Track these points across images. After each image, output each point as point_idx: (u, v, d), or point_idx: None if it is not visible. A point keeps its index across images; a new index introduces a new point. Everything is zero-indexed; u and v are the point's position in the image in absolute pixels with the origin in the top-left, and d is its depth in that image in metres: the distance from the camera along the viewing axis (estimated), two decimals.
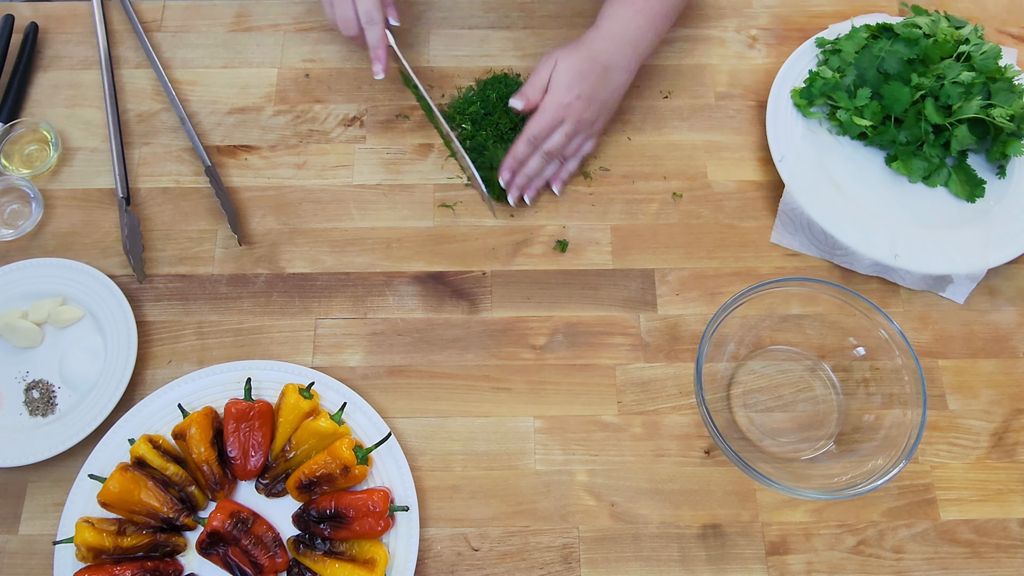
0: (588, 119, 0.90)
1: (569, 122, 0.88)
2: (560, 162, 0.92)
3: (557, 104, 0.87)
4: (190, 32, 1.05)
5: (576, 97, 0.87)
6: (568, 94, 0.87)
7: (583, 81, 0.88)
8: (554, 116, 0.88)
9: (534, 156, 0.90)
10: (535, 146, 0.89)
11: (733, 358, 0.88)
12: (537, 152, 0.90)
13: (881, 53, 0.94)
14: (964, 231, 0.92)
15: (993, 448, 0.85)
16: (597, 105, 0.90)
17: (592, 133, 0.92)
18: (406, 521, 0.78)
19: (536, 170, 0.91)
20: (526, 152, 0.89)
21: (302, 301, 0.90)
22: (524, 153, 0.89)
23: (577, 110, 0.88)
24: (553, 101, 0.87)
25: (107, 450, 0.81)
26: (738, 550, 0.80)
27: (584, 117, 0.89)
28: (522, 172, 0.91)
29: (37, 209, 0.93)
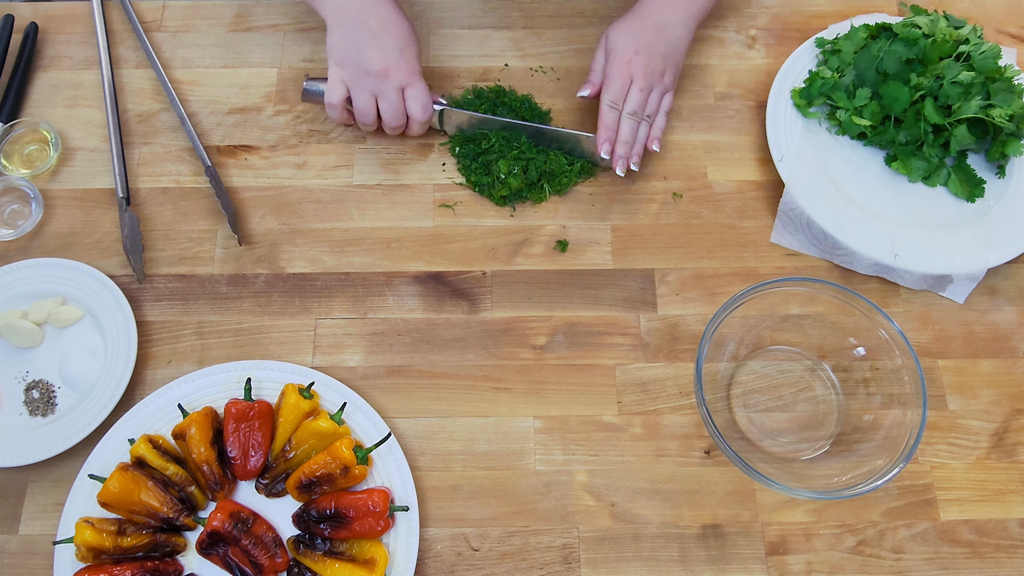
0: (657, 71, 0.89)
1: (639, 78, 0.88)
2: (648, 123, 0.91)
3: (620, 65, 0.88)
4: (190, 32, 1.05)
5: (635, 53, 0.88)
6: (627, 52, 0.88)
7: (638, 38, 0.89)
8: (621, 77, 0.88)
9: (623, 122, 0.89)
10: (618, 111, 0.89)
11: (733, 358, 0.88)
12: (624, 117, 0.89)
13: (880, 53, 0.94)
14: (964, 231, 0.92)
15: (993, 448, 0.85)
16: (660, 58, 0.90)
17: (666, 87, 0.91)
18: (406, 521, 0.78)
19: (631, 135, 0.89)
20: (613, 119, 0.89)
21: (302, 301, 0.90)
22: (612, 120, 0.89)
23: (642, 64, 0.88)
24: (615, 64, 0.88)
25: (107, 450, 0.81)
26: (738, 550, 0.80)
27: (652, 70, 0.89)
28: (619, 141, 0.89)
29: (37, 209, 0.93)
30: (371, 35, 0.87)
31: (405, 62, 0.88)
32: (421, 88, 0.90)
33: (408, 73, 0.89)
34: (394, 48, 0.88)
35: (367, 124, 0.91)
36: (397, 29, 0.88)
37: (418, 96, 0.90)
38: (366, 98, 0.89)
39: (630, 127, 0.89)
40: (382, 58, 0.87)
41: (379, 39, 0.87)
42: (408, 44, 0.89)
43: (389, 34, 0.88)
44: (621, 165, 0.89)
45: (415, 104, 0.90)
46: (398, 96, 0.89)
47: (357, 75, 0.88)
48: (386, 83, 0.88)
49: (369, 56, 0.87)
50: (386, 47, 0.87)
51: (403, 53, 0.88)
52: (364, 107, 0.89)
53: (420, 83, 0.90)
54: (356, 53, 0.87)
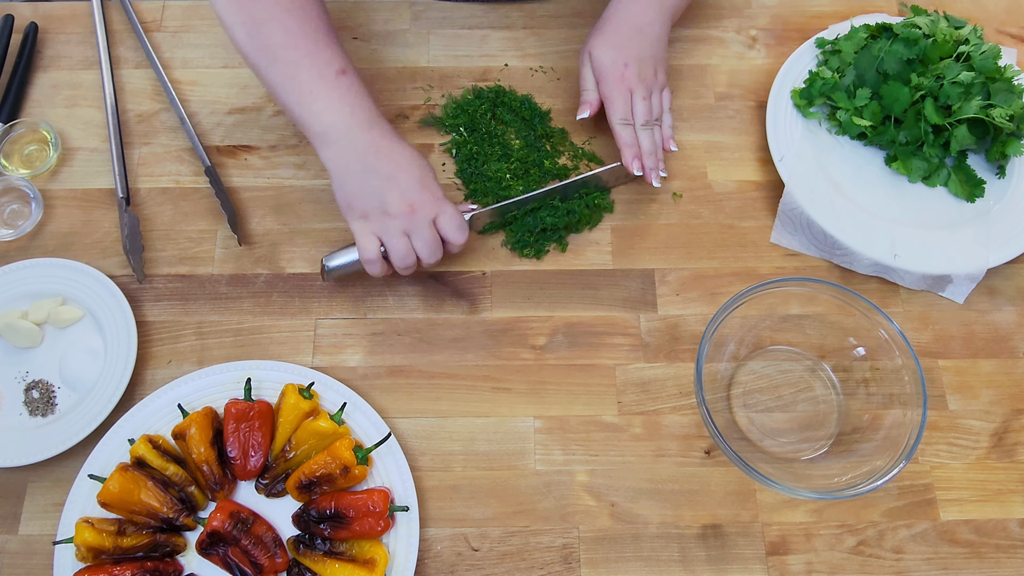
0: (649, 76, 0.90)
1: (637, 88, 0.89)
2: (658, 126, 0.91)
3: (615, 83, 0.88)
4: (190, 32, 1.05)
5: (625, 66, 0.88)
6: (617, 68, 0.88)
7: (622, 50, 0.89)
8: (621, 93, 0.88)
9: (641, 135, 0.89)
10: (631, 125, 0.89)
11: (733, 358, 0.88)
12: (640, 130, 0.89)
13: (880, 53, 0.94)
14: (964, 231, 0.92)
15: (993, 448, 0.85)
16: (648, 61, 0.90)
17: (661, 85, 0.92)
18: (406, 521, 0.78)
19: (652, 145, 0.90)
20: (631, 135, 0.89)
21: (302, 301, 0.90)
22: (630, 136, 0.89)
23: (634, 74, 0.88)
24: (610, 83, 0.88)
25: (107, 450, 0.81)
26: (738, 550, 0.80)
27: (645, 77, 0.89)
28: (645, 154, 0.89)
29: (37, 209, 0.93)
30: (385, 177, 0.80)
31: (428, 192, 0.81)
32: (451, 211, 0.82)
33: (434, 202, 0.81)
34: (413, 182, 0.80)
35: (408, 268, 0.83)
36: (408, 161, 0.81)
37: (451, 220, 0.82)
38: (400, 241, 0.81)
39: (649, 137, 0.90)
40: (405, 197, 0.80)
41: (395, 179, 0.80)
42: (425, 172, 0.82)
43: (403, 170, 0.80)
44: (655, 177, 0.90)
45: (451, 229, 0.82)
46: (431, 229, 0.82)
47: (384, 222, 0.81)
48: (416, 220, 0.80)
49: (391, 200, 0.80)
50: (405, 185, 0.80)
51: (423, 184, 0.81)
52: (402, 252, 0.81)
53: (448, 207, 0.82)
54: (376, 200, 0.80)
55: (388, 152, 0.80)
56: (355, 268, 0.86)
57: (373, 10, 1.06)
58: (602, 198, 0.94)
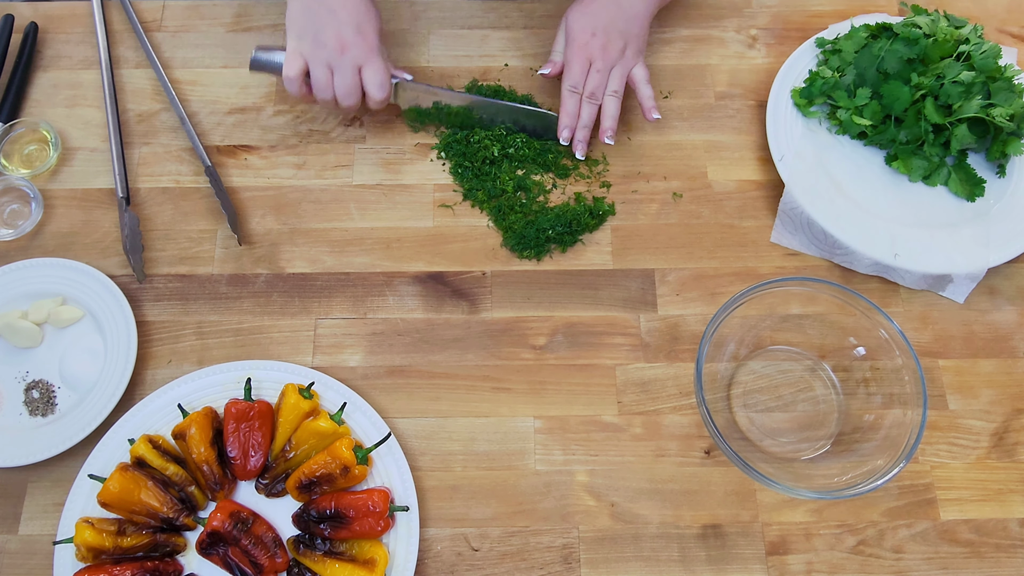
0: (615, 49, 0.89)
1: (597, 59, 0.89)
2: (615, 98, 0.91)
3: (577, 48, 0.89)
4: (190, 32, 1.05)
5: (592, 35, 0.88)
6: (583, 35, 0.89)
7: (595, 18, 0.89)
8: (580, 61, 0.89)
9: (584, 106, 0.90)
10: (578, 95, 0.89)
11: (733, 358, 0.88)
12: (584, 101, 0.90)
13: (881, 53, 0.94)
14: (964, 230, 0.92)
15: (993, 448, 0.85)
16: (618, 35, 0.89)
17: (628, 63, 0.91)
18: (406, 521, 0.78)
19: (590, 117, 0.91)
20: (574, 104, 0.90)
21: (302, 301, 0.90)
22: (573, 106, 0.90)
23: (599, 45, 0.89)
24: (573, 48, 0.89)
25: (107, 450, 0.81)
26: (738, 550, 0.80)
27: (609, 50, 0.89)
28: (580, 125, 0.91)
29: (37, 209, 0.93)
30: (328, 10, 0.86)
31: (362, 38, 0.86)
32: (378, 66, 0.88)
33: (365, 50, 0.87)
34: (351, 23, 0.86)
35: (325, 100, 0.89)
36: (355, 4, 0.87)
37: (375, 74, 0.88)
38: (323, 72, 0.87)
39: (590, 110, 0.90)
40: (339, 33, 0.86)
41: (336, 14, 0.86)
42: (366, 20, 0.87)
43: (346, 9, 0.86)
44: (580, 149, 0.92)
45: (372, 82, 0.88)
46: (354, 73, 0.87)
47: (314, 49, 0.86)
48: (342, 59, 0.86)
49: (326, 32, 0.86)
50: (343, 22, 0.86)
51: (360, 29, 0.86)
52: (321, 82, 0.87)
53: (377, 60, 0.88)
54: (313, 27, 0.86)
55: None
56: (277, 72, 0.90)
57: None
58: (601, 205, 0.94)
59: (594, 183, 0.96)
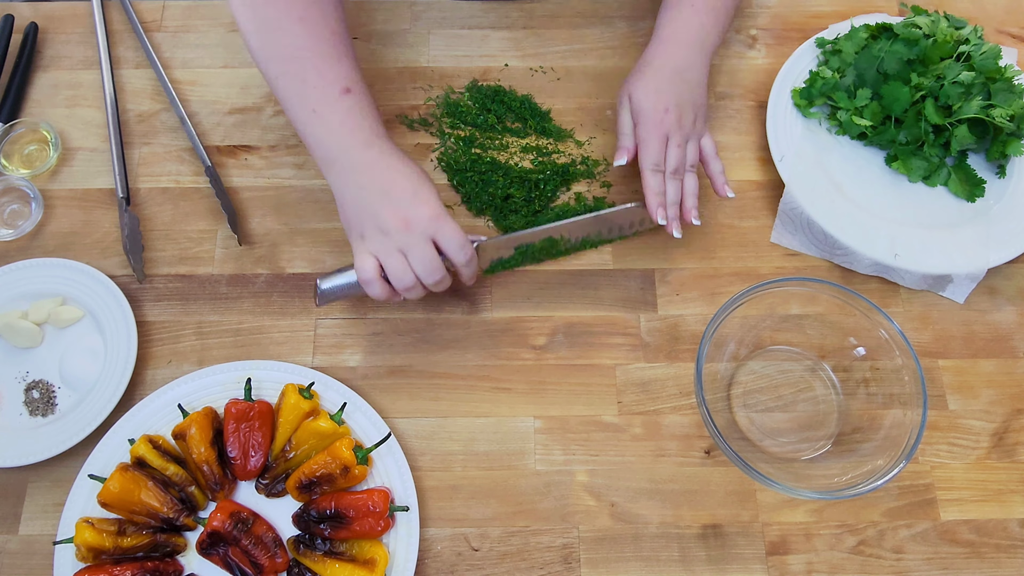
0: (688, 123, 0.86)
1: (674, 135, 0.85)
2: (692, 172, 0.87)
3: (653, 126, 0.84)
4: (190, 32, 1.05)
5: (665, 111, 0.84)
6: (657, 112, 0.84)
7: (664, 94, 0.85)
8: (657, 137, 0.84)
9: (669, 183, 0.85)
10: (661, 172, 0.85)
11: (733, 358, 0.88)
12: (668, 179, 0.85)
13: (881, 53, 0.94)
14: (964, 231, 0.92)
15: (993, 448, 0.85)
16: (688, 106, 0.86)
17: (699, 132, 0.88)
18: (406, 521, 0.78)
19: (676, 195, 0.86)
20: (659, 183, 0.84)
21: (302, 301, 0.90)
22: (659, 185, 0.84)
23: (673, 120, 0.84)
24: (648, 126, 0.84)
25: (107, 450, 0.81)
26: (738, 550, 0.80)
27: (684, 123, 0.85)
28: (669, 203, 0.85)
29: (37, 209, 0.93)
30: (380, 192, 0.77)
31: (424, 206, 0.77)
32: (451, 227, 0.77)
33: (430, 218, 0.77)
34: (407, 196, 0.77)
35: (409, 288, 0.79)
36: (404, 177, 0.78)
37: (451, 237, 0.77)
38: (397, 261, 0.77)
39: (675, 188, 0.85)
40: (398, 212, 0.76)
41: (389, 194, 0.77)
42: (421, 186, 0.78)
43: (397, 185, 0.77)
44: (676, 227, 0.85)
45: (451, 247, 0.78)
46: (428, 246, 0.77)
47: (379, 239, 0.77)
48: (411, 236, 0.76)
49: (384, 215, 0.76)
50: (398, 200, 0.77)
51: (418, 197, 0.77)
52: (398, 270, 0.77)
53: (448, 223, 0.77)
54: (370, 217, 0.77)
55: (384, 168, 0.78)
56: (352, 291, 0.82)
57: (373, 10, 1.06)
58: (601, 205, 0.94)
59: (594, 183, 0.96)
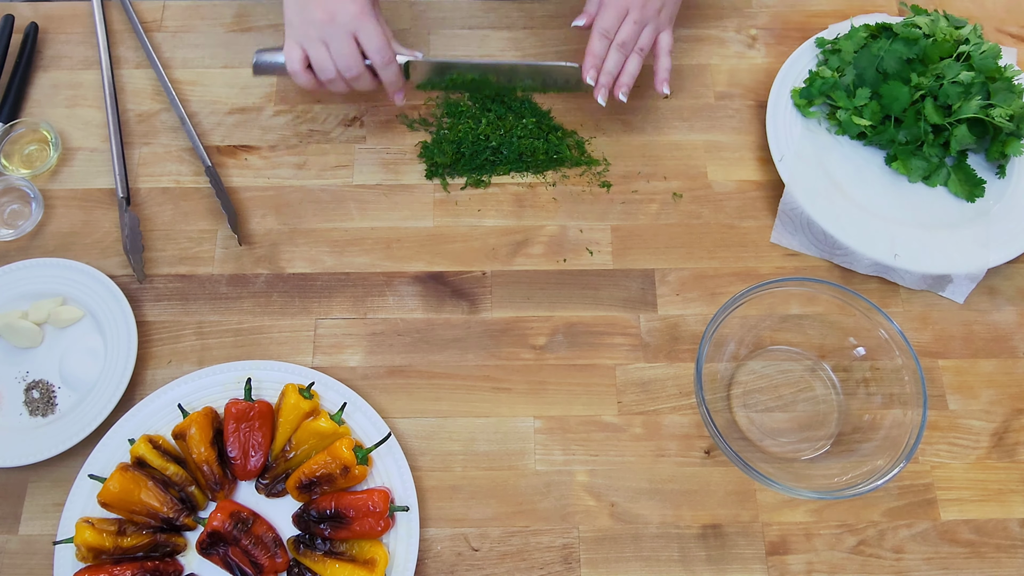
0: (652, 9, 0.87)
1: (634, 10, 0.86)
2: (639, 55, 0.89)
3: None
4: (190, 32, 1.05)
5: None
6: None
7: None
8: (616, 8, 0.86)
9: (612, 52, 0.87)
10: (609, 40, 0.87)
11: (733, 358, 0.88)
12: (613, 47, 0.87)
13: (880, 53, 0.94)
14: (964, 231, 0.92)
15: (993, 448, 0.85)
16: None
17: (661, 24, 0.89)
18: (406, 521, 0.78)
19: (616, 66, 0.88)
20: (602, 48, 0.87)
21: (302, 301, 0.90)
22: (601, 49, 0.87)
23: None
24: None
25: (107, 450, 0.81)
26: (738, 550, 0.80)
27: (648, 6, 0.87)
28: (604, 71, 0.88)
29: (37, 209, 0.93)
30: None
31: (351, 3, 0.81)
32: (372, 27, 0.82)
33: (354, 15, 0.81)
34: None
35: (331, 80, 0.85)
36: None
37: (372, 36, 0.82)
38: (319, 50, 0.83)
39: (617, 58, 0.88)
40: (325, 5, 0.81)
41: None
42: None
43: None
44: (603, 94, 0.88)
45: (371, 46, 0.83)
46: (349, 41, 0.82)
47: (304, 29, 0.82)
48: (333, 28, 0.81)
49: (312, 6, 0.81)
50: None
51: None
52: (319, 60, 0.83)
53: (371, 22, 0.82)
54: (302, 7, 0.82)
55: None
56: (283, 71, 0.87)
57: None
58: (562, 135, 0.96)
59: (594, 183, 0.96)
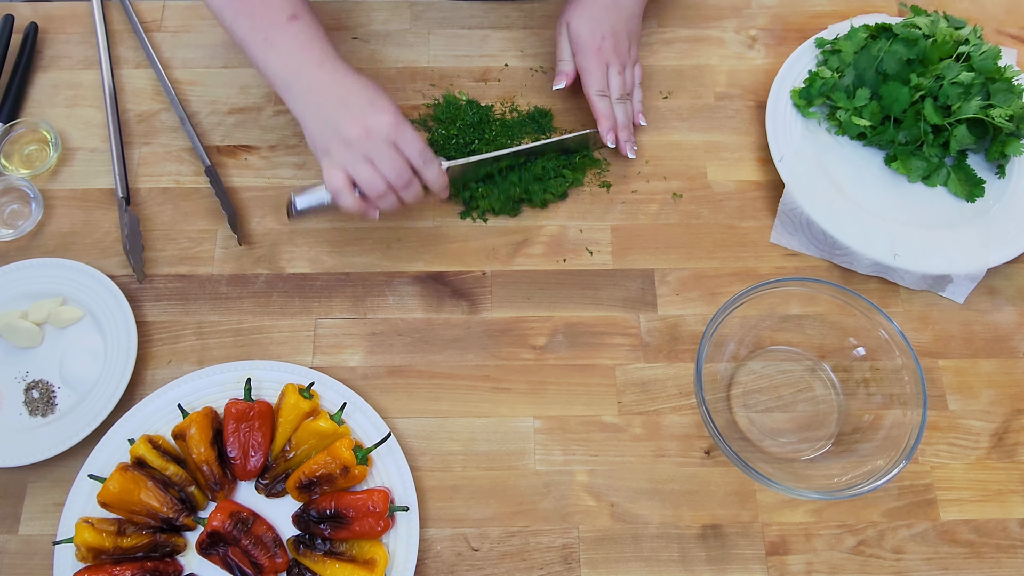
0: (623, 50, 0.93)
1: (613, 62, 0.92)
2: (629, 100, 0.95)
3: (593, 54, 0.91)
4: (190, 32, 1.05)
5: (602, 39, 0.91)
6: (595, 40, 0.91)
7: (600, 22, 0.91)
8: (598, 65, 0.91)
9: (617, 108, 0.92)
10: (607, 97, 0.92)
11: (733, 358, 0.88)
12: (616, 104, 0.92)
13: (880, 53, 0.94)
14: (963, 231, 0.92)
15: (993, 448, 0.85)
16: (623, 34, 0.93)
17: (634, 60, 0.95)
18: (406, 521, 0.78)
19: (626, 117, 0.93)
20: (607, 107, 0.92)
21: (302, 301, 0.90)
22: (607, 108, 0.92)
23: (611, 47, 0.91)
24: (588, 54, 0.91)
25: (107, 450, 0.81)
26: (738, 550, 0.80)
27: (620, 49, 0.92)
28: (620, 127, 0.93)
29: (37, 209, 0.93)
30: (338, 105, 0.79)
31: (383, 114, 0.79)
32: (411, 133, 0.80)
33: (390, 124, 0.79)
34: (365, 106, 0.79)
35: (381, 194, 0.80)
36: (360, 87, 0.80)
37: (411, 142, 0.80)
38: (364, 168, 0.79)
39: (624, 110, 0.93)
40: (357, 121, 0.78)
41: (347, 106, 0.79)
42: (378, 96, 0.80)
43: (354, 96, 0.79)
44: (630, 148, 0.94)
45: (412, 151, 0.80)
46: (393, 151, 0.79)
47: (343, 150, 0.79)
48: (373, 142, 0.78)
49: (345, 126, 0.78)
50: (356, 109, 0.79)
51: (375, 106, 0.79)
52: (368, 177, 0.79)
53: (407, 128, 0.80)
54: (332, 131, 0.79)
55: (339, 83, 0.80)
56: (326, 208, 0.83)
57: (373, 10, 1.06)
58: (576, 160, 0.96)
59: (594, 183, 0.96)
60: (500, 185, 0.93)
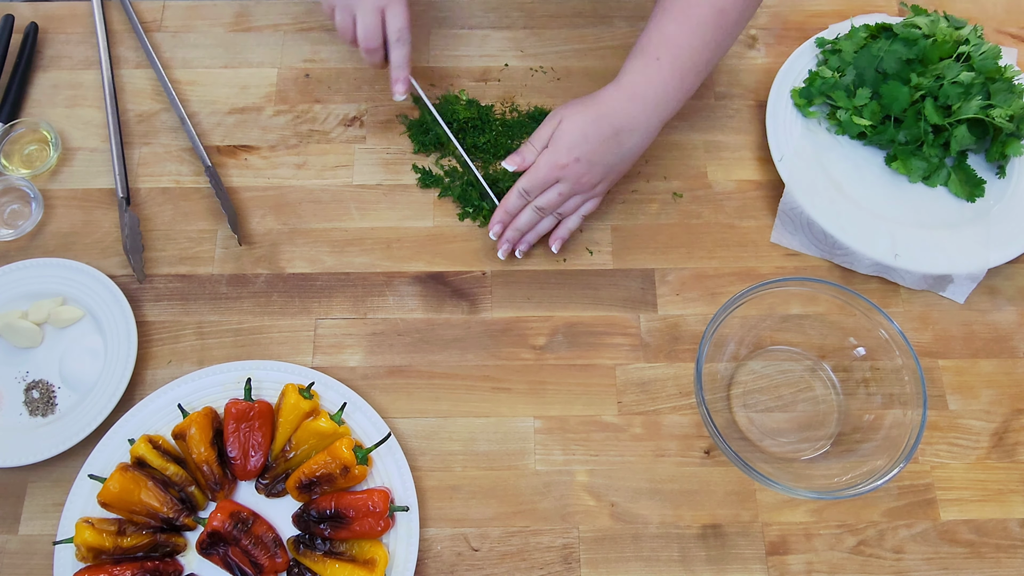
0: (588, 182, 0.83)
1: (565, 183, 0.83)
2: (557, 218, 0.87)
3: (552, 164, 0.81)
4: (190, 32, 1.05)
5: (575, 160, 0.81)
6: (567, 155, 0.81)
7: (586, 143, 0.81)
8: (548, 175, 0.82)
9: (526, 212, 0.85)
10: (526, 200, 0.84)
11: (733, 358, 0.88)
12: (529, 208, 0.84)
13: (880, 53, 0.94)
14: (964, 231, 0.92)
15: (993, 448, 0.85)
16: (601, 169, 0.83)
17: (594, 195, 0.86)
18: (406, 521, 0.78)
19: (527, 224, 0.85)
20: (517, 206, 0.84)
21: (302, 301, 0.90)
22: (515, 206, 0.84)
23: (575, 172, 0.82)
24: (549, 160, 0.82)
25: (107, 450, 0.81)
26: (738, 550, 0.80)
27: (584, 180, 0.83)
28: (512, 226, 0.86)
29: (37, 209, 0.93)
30: None
31: None
32: (401, 7, 0.85)
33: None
34: None
35: (349, 41, 0.88)
36: None
37: (397, 15, 0.85)
38: (343, 16, 0.86)
39: (529, 219, 0.85)
40: None
41: None
42: None
43: None
44: (505, 250, 0.87)
45: (393, 23, 0.85)
46: (375, 16, 0.85)
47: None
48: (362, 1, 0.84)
49: None
50: None
51: None
52: (341, 25, 0.87)
53: (401, 4, 0.85)
54: None
55: None
56: None
57: None
58: None
59: None
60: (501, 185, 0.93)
